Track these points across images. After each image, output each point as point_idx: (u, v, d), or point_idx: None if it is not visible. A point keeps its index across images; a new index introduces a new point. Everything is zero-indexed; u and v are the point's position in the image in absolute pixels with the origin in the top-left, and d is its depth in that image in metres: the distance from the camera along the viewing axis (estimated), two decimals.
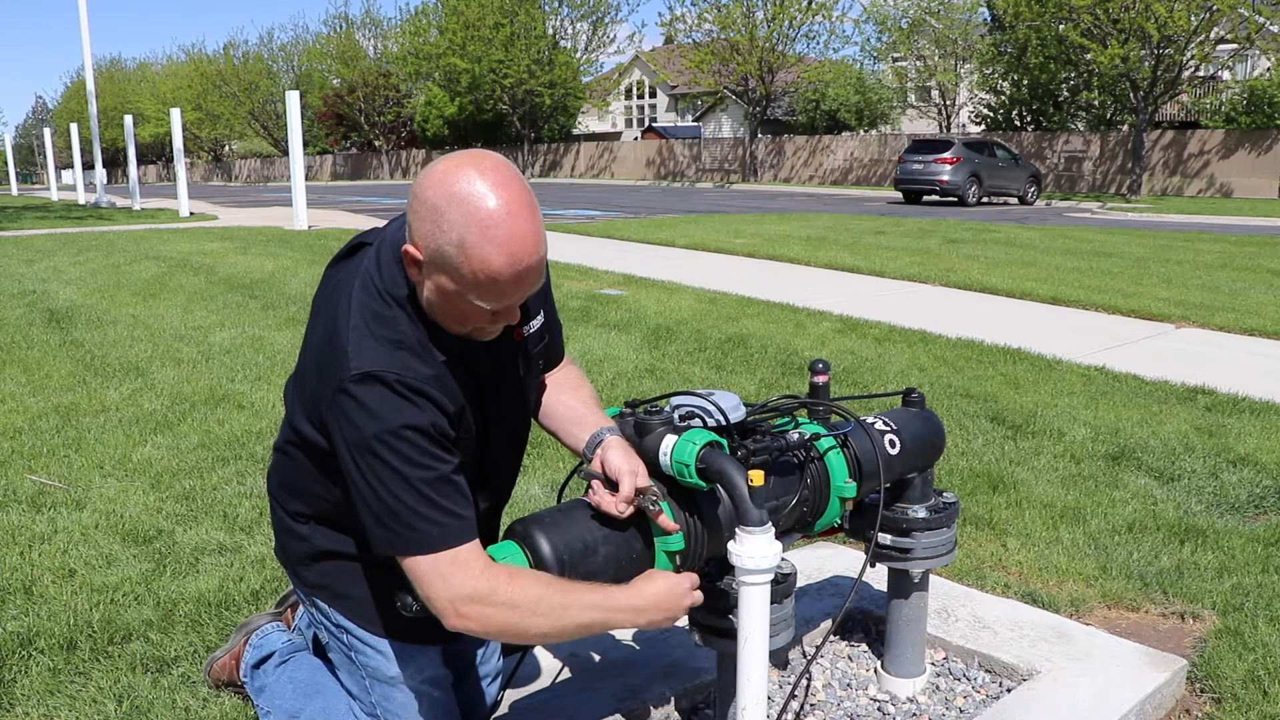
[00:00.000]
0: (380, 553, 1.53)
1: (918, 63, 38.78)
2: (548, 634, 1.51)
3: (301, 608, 2.16)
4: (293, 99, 14.90)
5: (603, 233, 13.70)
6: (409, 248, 1.47)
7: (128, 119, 21.73)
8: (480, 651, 1.99)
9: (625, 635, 2.43)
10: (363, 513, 1.52)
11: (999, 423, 4.35)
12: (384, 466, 1.46)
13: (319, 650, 2.08)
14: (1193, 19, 24.27)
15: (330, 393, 1.50)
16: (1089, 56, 27.26)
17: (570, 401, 1.83)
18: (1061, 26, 26.95)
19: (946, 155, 23.23)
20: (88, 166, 42.34)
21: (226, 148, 69.84)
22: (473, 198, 1.40)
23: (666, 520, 1.61)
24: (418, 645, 1.76)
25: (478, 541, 1.51)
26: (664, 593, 1.59)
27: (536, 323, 1.73)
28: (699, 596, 1.66)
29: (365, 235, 1.71)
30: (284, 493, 1.80)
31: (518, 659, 2.04)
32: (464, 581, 1.46)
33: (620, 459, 1.62)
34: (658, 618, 1.59)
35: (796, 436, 1.81)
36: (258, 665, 2.16)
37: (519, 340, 1.69)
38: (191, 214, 19.02)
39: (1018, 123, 34.26)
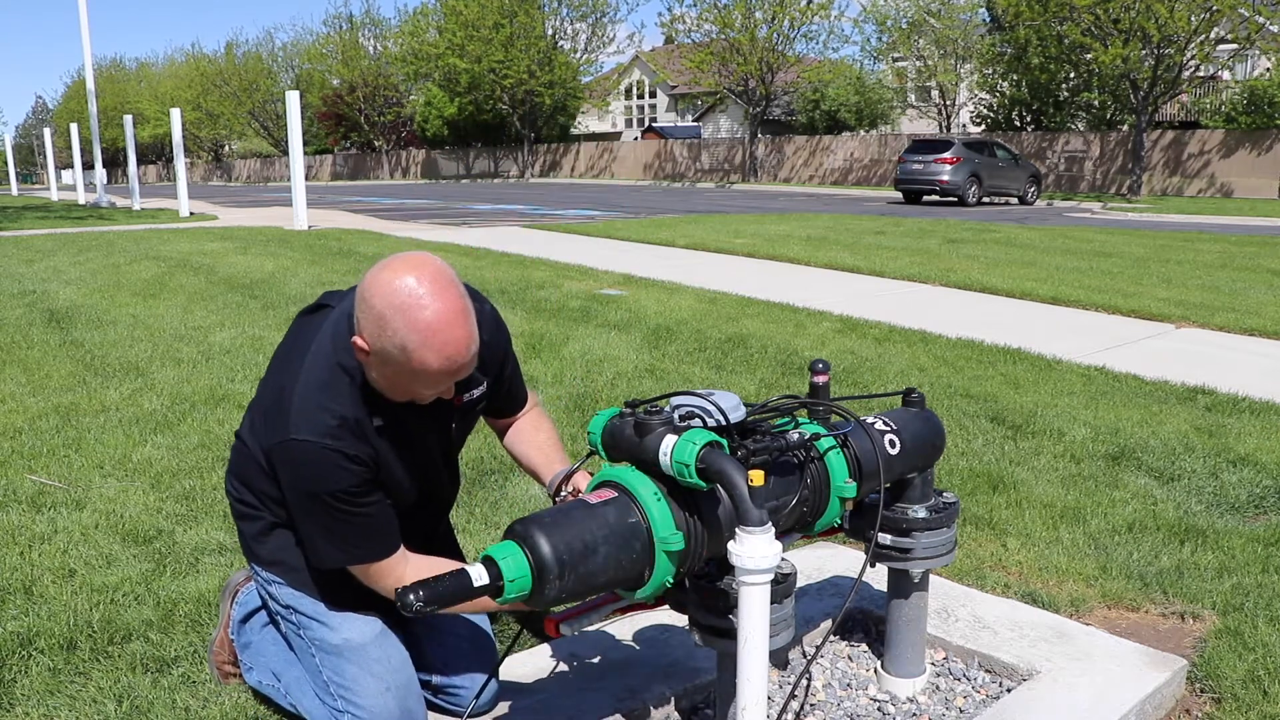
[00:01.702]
0: (324, 563, 1.82)
1: (918, 63, 38.74)
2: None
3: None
4: (293, 99, 14.90)
5: (603, 233, 13.70)
6: (358, 340, 1.65)
7: (127, 119, 21.70)
8: (452, 629, 2.08)
9: (625, 635, 2.43)
10: (305, 533, 1.81)
11: (999, 423, 4.35)
12: (323, 512, 1.74)
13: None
14: (1193, 19, 24.25)
15: (274, 444, 1.76)
16: (1089, 56, 27.25)
17: (532, 445, 2.15)
18: (1062, 26, 26.93)
19: (946, 155, 23.21)
20: (88, 166, 42.35)
21: (226, 147, 69.84)
22: (413, 309, 1.58)
23: None
24: (359, 612, 1.92)
25: (402, 547, 1.82)
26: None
27: (478, 391, 1.95)
28: None
29: (330, 297, 1.91)
30: (240, 472, 1.98)
31: (505, 649, 2.07)
32: (397, 578, 1.79)
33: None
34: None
35: (796, 436, 1.81)
36: (244, 620, 2.20)
37: (457, 405, 1.91)
38: (191, 214, 19.00)
39: (1018, 123, 34.23)
